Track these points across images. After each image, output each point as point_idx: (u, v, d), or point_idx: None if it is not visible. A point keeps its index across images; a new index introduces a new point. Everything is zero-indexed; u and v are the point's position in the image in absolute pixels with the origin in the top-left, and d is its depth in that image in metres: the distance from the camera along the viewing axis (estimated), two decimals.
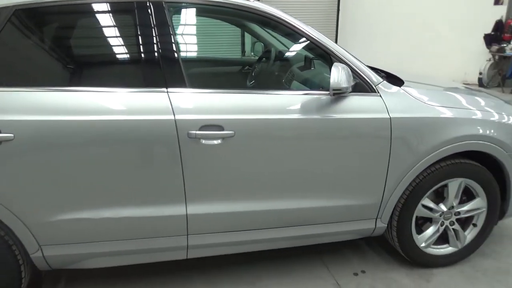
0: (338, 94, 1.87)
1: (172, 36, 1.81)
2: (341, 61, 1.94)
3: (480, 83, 8.01)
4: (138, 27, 1.81)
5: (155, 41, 1.79)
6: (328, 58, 1.99)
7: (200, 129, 1.75)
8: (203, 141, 1.77)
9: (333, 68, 1.80)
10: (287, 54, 2.79)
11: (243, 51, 7.21)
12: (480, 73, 7.96)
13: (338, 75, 1.78)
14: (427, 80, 2.65)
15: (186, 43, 3.14)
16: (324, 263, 2.39)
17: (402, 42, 8.30)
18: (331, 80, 1.78)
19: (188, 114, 1.75)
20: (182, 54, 2.88)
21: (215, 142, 1.78)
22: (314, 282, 2.23)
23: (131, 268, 2.08)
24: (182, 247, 1.94)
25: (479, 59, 8.06)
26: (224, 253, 2.08)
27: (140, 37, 1.82)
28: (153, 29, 1.79)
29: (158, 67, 1.78)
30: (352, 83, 1.87)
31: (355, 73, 1.96)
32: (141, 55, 1.86)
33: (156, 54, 1.79)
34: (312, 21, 8.46)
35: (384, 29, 8.33)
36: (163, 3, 1.81)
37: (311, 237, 2.14)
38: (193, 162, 1.80)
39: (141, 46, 1.84)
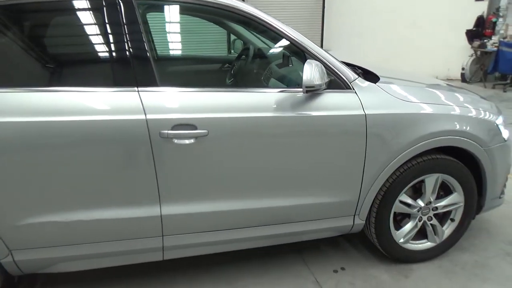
0: (312, 91, 1.85)
1: (142, 34, 1.77)
2: (315, 58, 1.92)
3: (463, 78, 8.11)
4: (107, 25, 1.77)
5: (125, 40, 1.74)
6: (302, 55, 1.98)
7: (172, 129, 1.72)
8: (176, 141, 1.74)
9: (305, 65, 1.78)
10: (266, 51, 2.77)
11: (229, 49, 7.15)
12: (463, 69, 8.07)
13: (311, 72, 1.77)
14: (404, 76, 2.66)
15: (161, 42, 3.10)
16: (304, 261, 2.38)
17: (387, 38, 8.36)
18: (304, 77, 1.77)
19: (159, 113, 1.72)
20: (155, 52, 2.85)
21: (188, 141, 1.75)
22: (293, 280, 2.22)
23: (111, 270, 2.04)
24: (158, 248, 1.92)
25: (461, 54, 8.16)
26: (201, 254, 2.06)
27: (109, 35, 1.78)
28: (122, 27, 1.75)
29: (128, 66, 1.74)
30: (326, 80, 1.86)
31: (329, 70, 1.95)
32: (110, 54, 1.82)
33: (126, 52, 1.75)
34: (297, 18, 8.47)
35: (369, 25, 8.37)
36: (133, 0, 1.77)
37: (289, 236, 2.12)
38: (166, 162, 1.77)
39: (110, 45, 1.79)
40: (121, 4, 1.75)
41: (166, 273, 2.27)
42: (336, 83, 1.97)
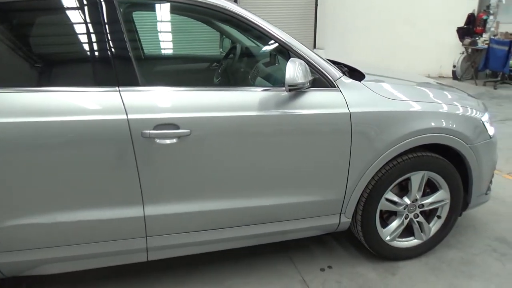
0: (295, 90, 1.84)
1: (124, 34, 1.75)
2: (299, 56, 1.92)
3: (454, 76, 8.16)
4: (87, 24, 1.75)
5: (105, 39, 1.72)
6: (286, 53, 1.97)
7: (154, 128, 1.71)
8: (158, 141, 1.72)
9: (288, 64, 1.77)
10: (253, 50, 2.76)
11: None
12: (454, 66, 8.11)
13: (293, 71, 1.76)
14: (391, 74, 2.66)
15: (148, 41, 3.07)
16: (291, 260, 2.38)
17: (380, 36, 8.37)
18: (286, 76, 1.76)
19: (141, 113, 1.70)
20: (141, 51, 2.83)
21: (170, 141, 1.74)
22: (280, 279, 2.21)
23: (98, 270, 2.03)
24: (142, 249, 1.90)
25: (453, 52, 8.20)
26: (187, 254, 2.05)
27: (90, 35, 1.76)
28: (103, 27, 1.73)
29: (109, 66, 1.72)
30: (310, 79, 1.86)
31: (314, 68, 1.94)
32: (91, 54, 1.80)
33: (106, 52, 1.73)
34: (291, 17, 8.45)
35: (363, 23, 8.38)
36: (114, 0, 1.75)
37: (275, 235, 2.12)
38: (149, 162, 1.75)
39: (91, 44, 1.77)
40: (102, 3, 1.73)
41: (156, 273, 2.26)
42: (320, 81, 1.97)
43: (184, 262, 2.29)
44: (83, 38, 1.79)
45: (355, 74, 2.25)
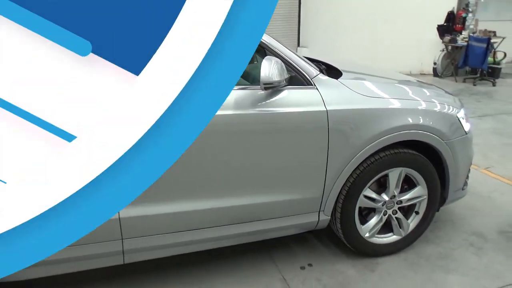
0: (271, 88, 1.83)
1: None
2: (275, 54, 1.91)
3: (435, 73, 8.28)
4: None
5: None
6: (263, 51, 1.96)
7: None
8: None
9: (264, 62, 1.76)
10: None
11: None
12: (435, 63, 8.23)
13: (269, 69, 1.75)
14: (369, 72, 2.68)
15: None
16: (272, 258, 2.37)
17: (362, 34, 8.44)
18: (261, 74, 1.75)
19: None
20: None
21: None
22: (260, 278, 2.20)
23: (81, 272, 1.98)
24: (117, 252, 1.86)
25: (434, 49, 8.32)
26: (166, 255, 2.02)
27: None
28: None
29: None
30: (286, 77, 1.85)
31: (290, 66, 1.94)
32: None
33: None
34: (274, 14, 8.42)
35: (346, 22, 8.44)
36: None
37: (254, 234, 2.11)
38: None
39: None
40: None
41: (140, 275, 2.22)
42: (297, 79, 1.96)
43: (166, 262, 2.26)
44: None
45: (333, 72, 2.26)
